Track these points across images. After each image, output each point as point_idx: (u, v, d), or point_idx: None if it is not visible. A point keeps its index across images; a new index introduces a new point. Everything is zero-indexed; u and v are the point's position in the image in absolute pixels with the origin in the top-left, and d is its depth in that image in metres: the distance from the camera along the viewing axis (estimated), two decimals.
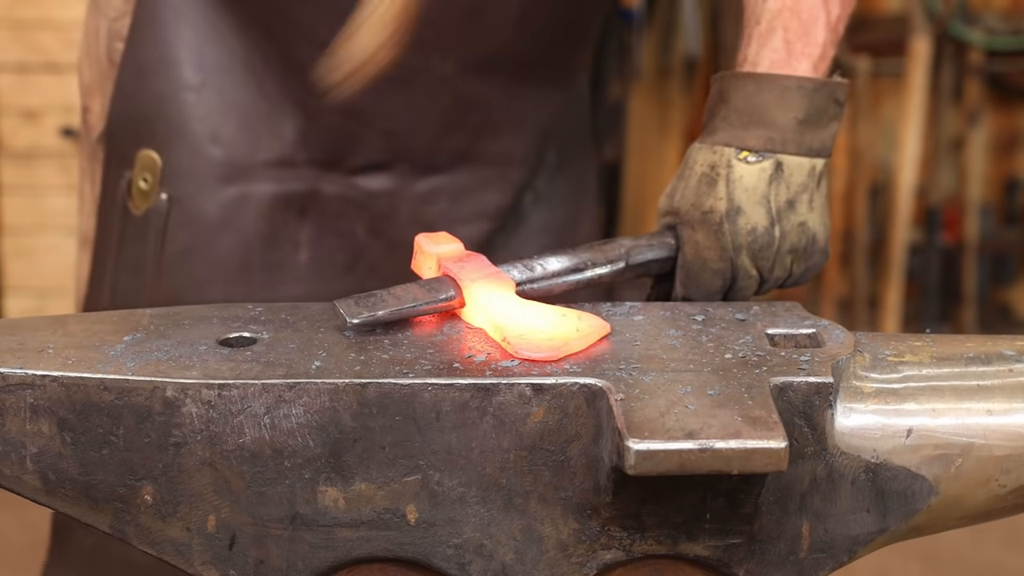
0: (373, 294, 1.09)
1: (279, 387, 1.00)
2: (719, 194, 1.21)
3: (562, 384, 1.00)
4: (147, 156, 1.48)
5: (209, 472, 1.01)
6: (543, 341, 1.04)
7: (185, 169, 1.47)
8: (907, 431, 1.05)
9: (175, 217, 1.47)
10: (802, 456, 1.03)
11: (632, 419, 0.96)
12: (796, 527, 1.04)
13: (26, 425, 1.00)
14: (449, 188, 1.51)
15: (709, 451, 0.94)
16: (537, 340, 1.04)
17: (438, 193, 1.51)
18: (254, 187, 1.47)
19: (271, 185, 1.48)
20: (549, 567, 1.03)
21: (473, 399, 1.00)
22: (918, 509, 1.06)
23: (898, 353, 1.09)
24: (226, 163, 1.47)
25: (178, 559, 1.03)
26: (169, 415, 1.00)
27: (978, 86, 4.49)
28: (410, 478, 1.01)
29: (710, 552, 1.03)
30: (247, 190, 1.47)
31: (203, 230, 1.47)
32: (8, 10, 3.94)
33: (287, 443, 1.00)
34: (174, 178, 1.47)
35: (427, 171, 1.51)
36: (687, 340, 1.09)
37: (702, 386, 1.00)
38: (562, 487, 1.01)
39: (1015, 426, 1.06)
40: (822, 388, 1.02)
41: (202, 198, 1.47)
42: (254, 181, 1.47)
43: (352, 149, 1.48)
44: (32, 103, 4.01)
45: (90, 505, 1.02)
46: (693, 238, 1.22)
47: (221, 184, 1.47)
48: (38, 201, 4.05)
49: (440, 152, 1.50)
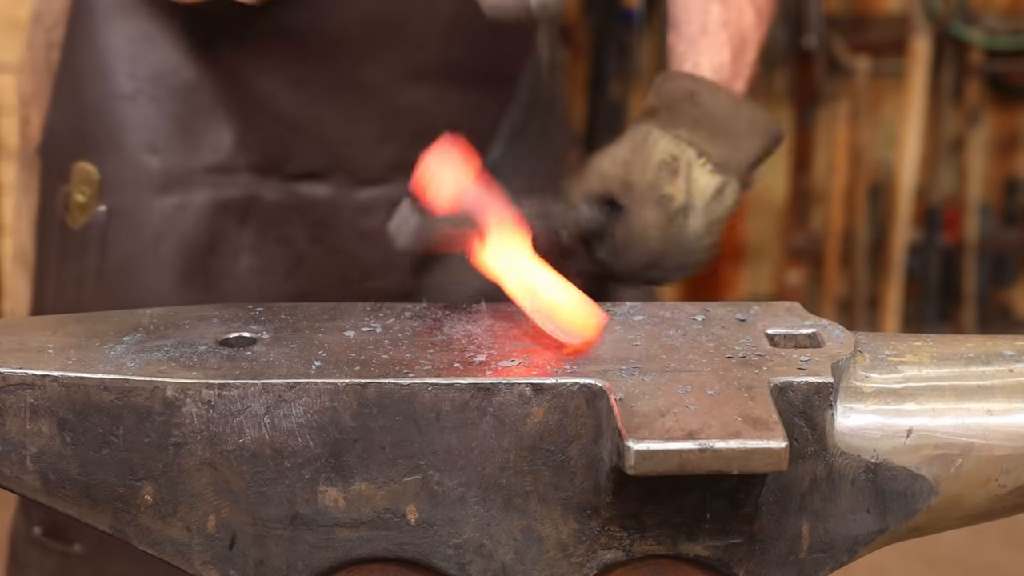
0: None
1: (279, 387, 1.00)
2: (679, 186, 1.23)
3: (562, 384, 1.00)
4: (83, 169, 1.47)
5: (209, 472, 1.01)
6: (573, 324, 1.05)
7: (123, 180, 1.46)
8: (907, 431, 1.05)
9: (114, 229, 1.46)
10: (802, 456, 1.03)
11: (632, 419, 0.96)
12: (796, 527, 1.04)
13: (26, 425, 1.00)
14: (388, 198, 1.48)
15: (709, 451, 0.94)
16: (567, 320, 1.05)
17: (377, 203, 1.50)
18: (193, 195, 1.46)
19: (210, 192, 1.47)
20: (549, 567, 1.03)
21: (473, 399, 1.00)
22: (918, 509, 1.06)
23: (898, 353, 1.09)
24: (163, 172, 1.46)
25: (178, 559, 1.03)
26: (169, 415, 1.00)
27: (978, 86, 4.49)
28: (410, 478, 1.01)
29: (710, 552, 1.03)
30: (186, 198, 1.46)
31: (143, 241, 1.47)
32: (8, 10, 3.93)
33: (287, 443, 1.00)
34: (112, 190, 1.46)
35: (365, 182, 1.50)
36: (687, 340, 1.09)
37: (702, 386, 1.00)
38: (562, 487, 1.01)
39: (1015, 426, 1.06)
40: (822, 388, 1.02)
41: (141, 208, 1.46)
42: (192, 189, 1.46)
43: (289, 156, 1.49)
44: None
45: (90, 505, 1.02)
46: (641, 216, 1.25)
47: (159, 193, 1.46)
48: None
49: (376, 161, 1.50)
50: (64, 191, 1.49)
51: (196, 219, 1.47)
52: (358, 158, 1.49)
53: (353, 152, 1.49)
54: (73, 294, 1.49)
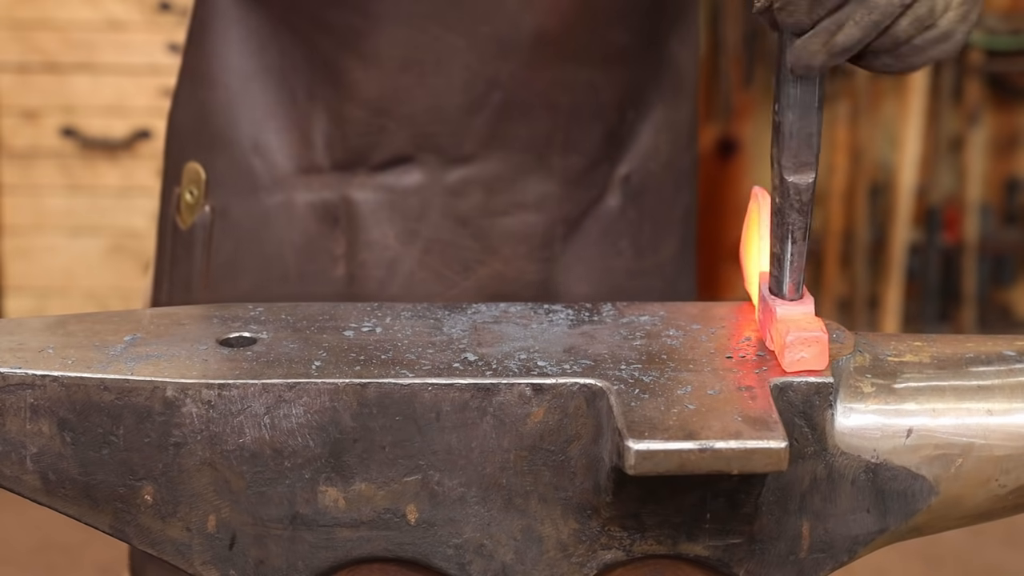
0: None
1: (279, 387, 1.00)
2: None
3: (562, 384, 1.00)
4: (192, 168, 1.47)
5: (209, 472, 1.01)
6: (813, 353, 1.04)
7: (226, 179, 1.46)
8: (907, 431, 1.05)
9: (219, 228, 1.46)
10: (802, 456, 1.03)
11: (632, 419, 0.96)
12: (796, 527, 1.04)
13: (26, 425, 1.00)
14: (480, 178, 1.45)
15: (709, 451, 0.94)
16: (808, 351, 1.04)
17: (469, 184, 1.45)
18: (290, 196, 1.45)
19: (306, 194, 1.46)
20: (549, 567, 1.03)
21: (473, 399, 1.00)
22: (918, 509, 1.06)
23: (898, 353, 1.09)
24: (265, 172, 1.45)
25: (178, 559, 1.03)
26: (169, 415, 1.00)
27: (978, 86, 4.49)
28: (410, 478, 1.01)
29: (710, 552, 1.03)
30: (284, 199, 1.45)
31: (244, 241, 1.45)
32: (8, 10, 3.94)
33: (287, 443, 1.00)
34: (216, 189, 1.46)
35: (455, 161, 1.45)
36: (687, 340, 1.09)
37: (702, 386, 1.00)
38: (562, 487, 1.02)
39: (1015, 426, 1.06)
40: (822, 388, 1.02)
41: (242, 209, 1.45)
42: (290, 190, 1.45)
43: (376, 143, 1.45)
44: (32, 103, 4.00)
45: (90, 505, 1.02)
46: None
47: (261, 193, 1.45)
48: (38, 201, 4.05)
49: (465, 137, 1.44)
50: (176, 192, 1.49)
51: (292, 222, 1.45)
52: (445, 135, 1.44)
53: (440, 129, 1.44)
54: (183, 296, 1.48)
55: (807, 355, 1.03)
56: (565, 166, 1.47)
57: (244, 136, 1.45)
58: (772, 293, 1.07)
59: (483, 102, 1.43)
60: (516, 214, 1.45)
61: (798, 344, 1.02)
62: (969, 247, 4.52)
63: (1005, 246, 4.63)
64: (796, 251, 1.06)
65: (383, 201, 1.45)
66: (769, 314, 1.07)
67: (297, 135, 1.45)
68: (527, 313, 1.14)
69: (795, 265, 1.06)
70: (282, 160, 1.44)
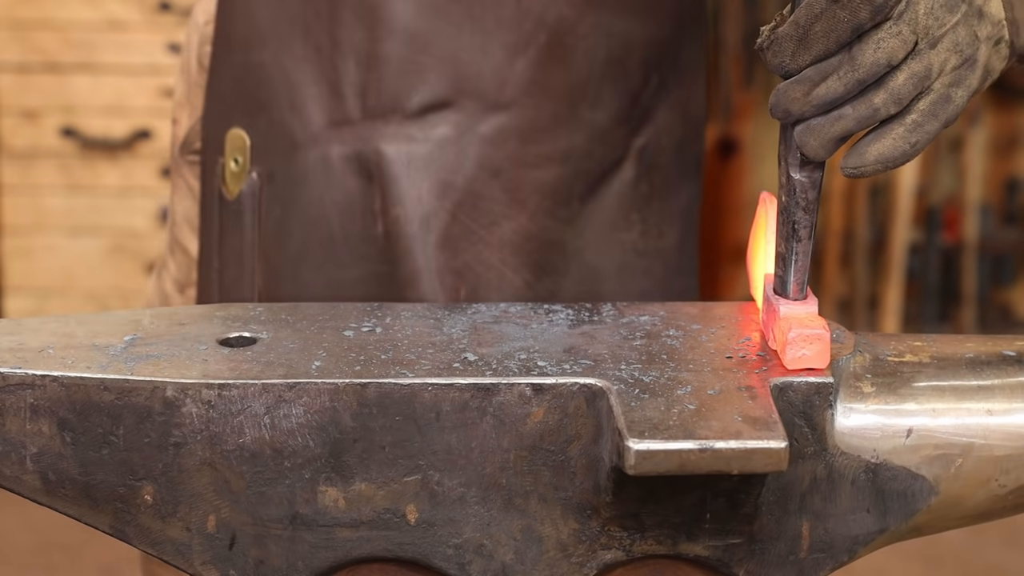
0: None
1: (279, 387, 1.00)
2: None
3: (562, 384, 1.00)
4: (236, 135, 1.43)
5: (209, 472, 1.01)
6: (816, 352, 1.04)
7: (270, 142, 1.41)
8: (907, 431, 1.05)
9: (267, 193, 1.41)
10: (802, 456, 1.03)
11: (632, 419, 0.96)
12: (796, 527, 1.05)
13: (26, 425, 1.00)
14: (516, 127, 1.39)
15: (709, 451, 0.94)
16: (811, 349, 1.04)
17: (505, 133, 1.39)
18: (325, 151, 1.39)
19: (339, 147, 1.40)
20: (549, 567, 1.03)
21: (473, 399, 1.00)
22: (918, 509, 1.06)
23: (898, 353, 1.09)
24: (300, 129, 1.40)
25: (178, 559, 1.03)
26: (169, 415, 1.00)
27: None
28: (410, 478, 1.01)
29: (710, 552, 1.03)
30: (320, 155, 1.40)
31: (289, 204, 1.41)
32: (8, 10, 3.94)
33: (287, 443, 1.00)
34: (262, 153, 1.41)
35: (493, 108, 1.39)
36: (687, 340, 1.09)
37: (702, 386, 1.00)
38: (562, 487, 1.02)
39: (1015, 426, 1.06)
40: (822, 388, 1.02)
41: (285, 170, 1.41)
42: (324, 144, 1.39)
43: (412, 85, 1.39)
44: (32, 103, 4.01)
45: (90, 505, 1.02)
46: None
47: (299, 152, 1.40)
48: (38, 201, 4.05)
49: (506, 82, 1.39)
50: (220, 162, 1.45)
51: (331, 179, 1.39)
52: (486, 77, 1.39)
53: (481, 70, 1.39)
54: (235, 270, 1.43)
55: (809, 352, 1.03)
56: (592, 120, 1.42)
57: (281, 95, 1.41)
58: (776, 293, 1.07)
59: (529, 42, 1.38)
60: (545, 167, 1.40)
61: (800, 341, 1.02)
62: (969, 247, 4.52)
63: (1005, 246, 4.63)
64: (801, 250, 1.06)
65: (416, 152, 1.39)
66: (772, 313, 1.07)
67: (326, 87, 1.39)
68: (527, 313, 1.14)
69: (800, 264, 1.06)
70: (315, 114, 1.39)
